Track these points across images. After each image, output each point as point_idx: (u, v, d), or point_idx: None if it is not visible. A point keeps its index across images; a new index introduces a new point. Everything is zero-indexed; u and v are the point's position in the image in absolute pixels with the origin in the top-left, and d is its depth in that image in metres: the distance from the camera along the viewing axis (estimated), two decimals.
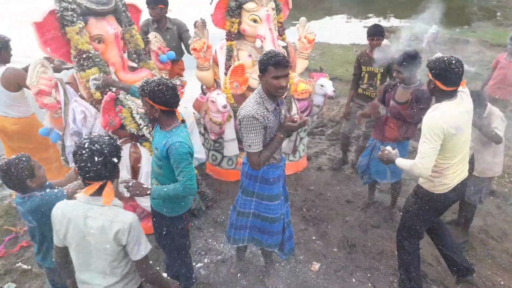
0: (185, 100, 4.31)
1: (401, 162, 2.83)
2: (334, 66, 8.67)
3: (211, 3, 4.10)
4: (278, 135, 2.62)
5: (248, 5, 4.02)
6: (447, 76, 2.57)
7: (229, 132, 4.36)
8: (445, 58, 2.59)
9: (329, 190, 4.63)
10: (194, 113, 4.49)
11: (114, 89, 3.32)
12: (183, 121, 2.59)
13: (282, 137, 2.63)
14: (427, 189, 2.87)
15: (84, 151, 1.88)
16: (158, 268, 2.18)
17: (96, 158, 1.86)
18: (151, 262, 2.14)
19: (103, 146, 1.89)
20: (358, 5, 15.44)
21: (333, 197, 4.50)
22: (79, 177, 1.99)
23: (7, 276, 3.39)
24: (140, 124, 3.38)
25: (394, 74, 3.57)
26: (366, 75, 4.50)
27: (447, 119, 2.57)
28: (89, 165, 1.87)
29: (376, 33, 4.27)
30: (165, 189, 2.44)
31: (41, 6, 3.13)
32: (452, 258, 3.20)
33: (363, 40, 10.16)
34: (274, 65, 2.45)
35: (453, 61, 2.56)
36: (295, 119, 2.60)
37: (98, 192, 1.96)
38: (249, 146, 2.60)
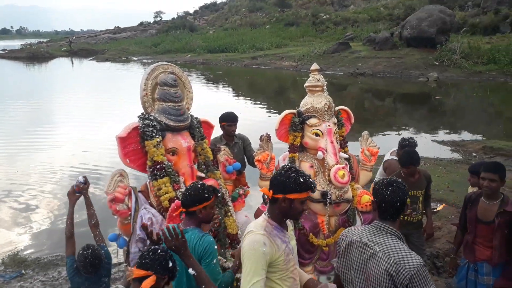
0: (247, 208, 4.40)
1: None
2: None
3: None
4: None
5: (311, 121, 4.22)
6: None
7: None
8: None
9: None
10: None
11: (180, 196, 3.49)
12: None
13: None
14: None
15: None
16: None
17: None
18: None
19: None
20: (425, 119, 15.46)
21: None
22: None
23: None
24: None
25: (484, 183, 3.18)
26: (408, 200, 4.21)
27: None
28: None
29: (412, 162, 4.13)
30: None
31: (126, 123, 3.56)
32: None
33: (432, 153, 9.96)
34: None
35: None
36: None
37: None
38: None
